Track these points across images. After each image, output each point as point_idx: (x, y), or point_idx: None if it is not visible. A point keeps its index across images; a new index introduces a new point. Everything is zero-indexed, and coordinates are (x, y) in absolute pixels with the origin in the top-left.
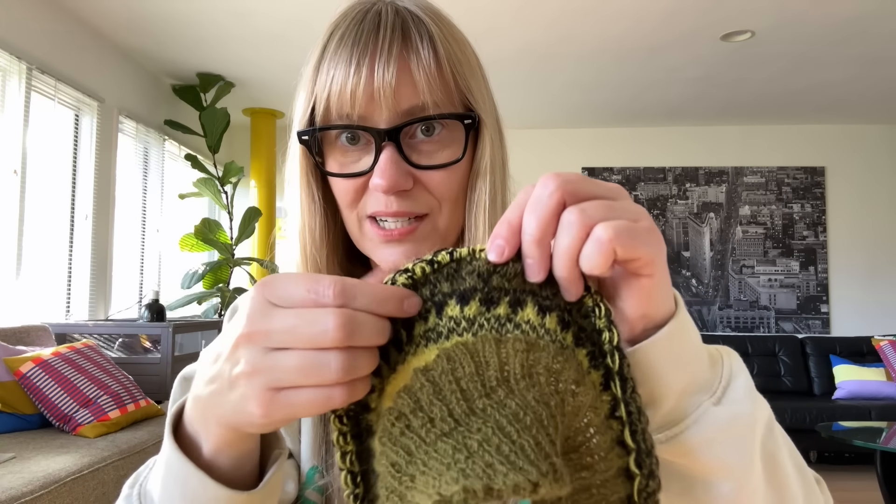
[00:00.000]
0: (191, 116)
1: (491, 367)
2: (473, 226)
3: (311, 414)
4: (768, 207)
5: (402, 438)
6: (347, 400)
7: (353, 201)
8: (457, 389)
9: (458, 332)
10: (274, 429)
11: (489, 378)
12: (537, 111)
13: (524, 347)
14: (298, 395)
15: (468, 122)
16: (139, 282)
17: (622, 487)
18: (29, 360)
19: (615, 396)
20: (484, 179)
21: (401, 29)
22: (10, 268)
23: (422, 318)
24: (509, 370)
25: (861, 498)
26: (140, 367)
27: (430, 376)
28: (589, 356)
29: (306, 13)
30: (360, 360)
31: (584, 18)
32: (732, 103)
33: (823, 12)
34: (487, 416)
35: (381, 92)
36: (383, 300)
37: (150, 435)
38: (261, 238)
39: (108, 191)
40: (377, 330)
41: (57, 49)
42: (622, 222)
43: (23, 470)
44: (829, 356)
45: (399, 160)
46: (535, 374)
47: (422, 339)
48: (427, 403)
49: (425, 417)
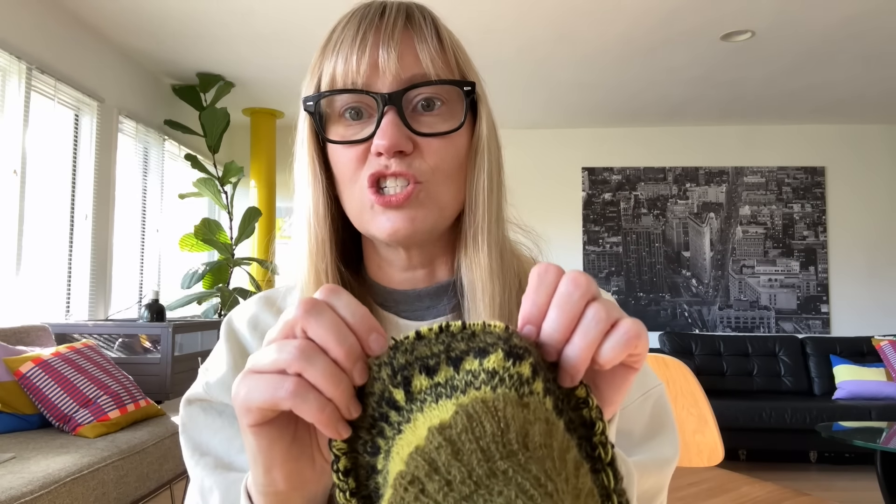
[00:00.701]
0: (191, 116)
1: (512, 429)
2: (474, 204)
3: (263, 402)
4: (768, 207)
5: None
6: (295, 393)
7: (354, 173)
8: (477, 449)
9: (477, 385)
10: (255, 418)
11: (510, 441)
12: (537, 111)
13: (544, 417)
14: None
15: (468, 90)
16: (139, 282)
17: None
18: (29, 360)
19: (606, 487)
20: (483, 158)
21: (405, 12)
22: (9, 268)
23: (427, 372)
24: (530, 434)
25: (861, 498)
26: (140, 367)
27: (447, 435)
28: (577, 446)
29: (307, 13)
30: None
31: (585, 18)
32: (732, 103)
33: (823, 12)
34: (509, 479)
35: (385, 60)
36: (352, 314)
37: (150, 435)
38: (261, 238)
39: (108, 191)
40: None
41: (57, 49)
42: (637, 321)
43: (23, 470)
44: (830, 356)
45: (400, 124)
46: (551, 446)
47: (428, 394)
48: (445, 465)
49: (442, 481)
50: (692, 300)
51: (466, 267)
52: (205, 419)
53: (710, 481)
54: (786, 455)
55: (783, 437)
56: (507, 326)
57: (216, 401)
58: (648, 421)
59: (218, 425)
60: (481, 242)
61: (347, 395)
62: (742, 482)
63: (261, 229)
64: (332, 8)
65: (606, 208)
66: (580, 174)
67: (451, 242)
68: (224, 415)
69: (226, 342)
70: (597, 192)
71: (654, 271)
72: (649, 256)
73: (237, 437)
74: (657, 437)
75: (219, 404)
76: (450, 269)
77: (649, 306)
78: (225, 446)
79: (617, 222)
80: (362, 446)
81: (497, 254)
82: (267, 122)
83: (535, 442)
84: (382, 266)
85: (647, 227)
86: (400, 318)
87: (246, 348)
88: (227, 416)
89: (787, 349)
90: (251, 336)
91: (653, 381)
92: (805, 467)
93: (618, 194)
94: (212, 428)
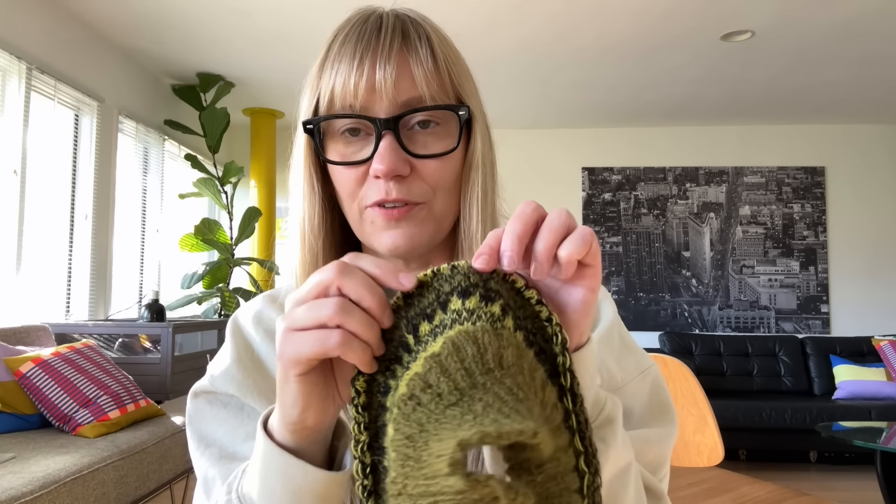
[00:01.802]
0: (191, 116)
1: (489, 352)
2: (468, 216)
3: (313, 352)
4: (768, 207)
5: (414, 414)
6: (341, 342)
7: (353, 191)
8: (461, 368)
9: (461, 321)
10: (303, 368)
11: (488, 360)
12: (537, 111)
13: (515, 343)
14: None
15: (462, 114)
16: (139, 282)
17: (575, 481)
18: (29, 360)
19: (567, 409)
20: (477, 172)
21: (401, 30)
22: (10, 267)
23: (428, 319)
24: (504, 357)
25: (861, 498)
26: (140, 367)
27: (437, 359)
28: (546, 373)
29: (307, 13)
30: (353, 314)
31: (584, 18)
32: (732, 103)
33: (823, 12)
34: (487, 389)
35: (382, 84)
36: (378, 267)
37: (150, 435)
38: (261, 238)
39: (108, 191)
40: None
41: (57, 49)
42: (590, 230)
43: (23, 470)
44: (829, 356)
45: (397, 147)
46: (521, 366)
47: (429, 336)
48: (435, 381)
49: (433, 393)
50: (692, 300)
51: None
52: (210, 411)
53: (710, 481)
54: (786, 455)
55: (783, 437)
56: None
57: (221, 392)
58: (648, 398)
59: (222, 416)
60: (476, 249)
61: (378, 338)
62: (742, 482)
63: (261, 229)
64: (332, 8)
65: (606, 208)
66: (580, 174)
67: (446, 244)
68: (228, 406)
69: (231, 337)
70: (597, 192)
71: (654, 271)
72: (649, 256)
73: (240, 428)
74: (657, 413)
75: (223, 396)
76: None
77: (649, 306)
78: (229, 436)
79: (617, 222)
80: (377, 387)
81: None
82: (267, 122)
83: (508, 362)
84: None
85: (647, 227)
86: None
87: (250, 343)
88: (231, 407)
89: (787, 349)
90: (255, 331)
91: (648, 360)
92: (805, 467)
93: (618, 194)
94: (216, 419)
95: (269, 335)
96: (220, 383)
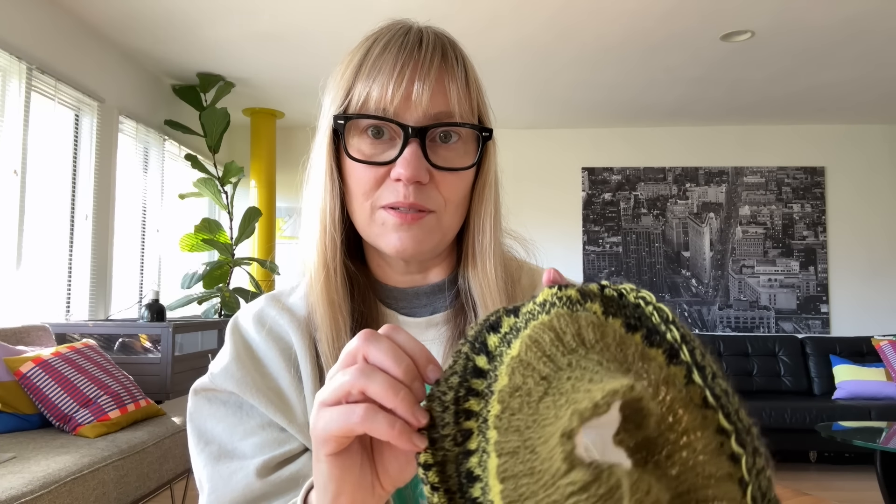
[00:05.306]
0: (191, 116)
1: (568, 334)
2: (482, 230)
3: (339, 430)
4: (768, 207)
5: (512, 425)
6: (366, 417)
7: (369, 190)
8: (542, 356)
9: (535, 316)
10: (332, 448)
11: (569, 341)
12: (537, 111)
13: (595, 321)
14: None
15: (485, 135)
16: (139, 282)
17: (724, 466)
18: (29, 360)
19: (698, 385)
20: (491, 189)
21: (441, 48)
22: (10, 267)
23: (494, 330)
24: (585, 337)
25: (861, 498)
26: (140, 367)
27: (519, 360)
28: (665, 354)
29: (307, 13)
30: (376, 386)
31: (584, 18)
32: (732, 103)
33: (823, 12)
34: (573, 368)
35: (419, 95)
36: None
37: (150, 435)
38: (261, 238)
39: (108, 191)
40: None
41: (57, 49)
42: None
43: (23, 470)
44: (829, 356)
45: (421, 156)
46: (606, 342)
47: (502, 345)
48: (521, 381)
49: (523, 393)
50: (692, 300)
51: (475, 282)
52: (209, 408)
53: None
54: (786, 455)
55: (783, 436)
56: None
57: (220, 389)
58: None
59: (222, 414)
60: (488, 263)
61: (409, 403)
62: None
63: (261, 229)
64: (332, 8)
65: (606, 208)
66: (580, 174)
67: (447, 249)
68: (227, 404)
69: (230, 337)
70: (597, 193)
71: (653, 271)
72: (649, 256)
73: (240, 425)
74: None
75: (223, 393)
76: (444, 271)
77: None
78: (228, 433)
79: (617, 222)
80: (450, 442)
81: (501, 269)
82: (267, 122)
83: (590, 340)
84: (382, 266)
85: (646, 227)
86: (399, 315)
87: (249, 342)
88: (230, 405)
89: (787, 349)
90: (255, 330)
91: None
92: (805, 467)
93: (618, 194)
94: (216, 416)
95: (270, 334)
96: (220, 380)
